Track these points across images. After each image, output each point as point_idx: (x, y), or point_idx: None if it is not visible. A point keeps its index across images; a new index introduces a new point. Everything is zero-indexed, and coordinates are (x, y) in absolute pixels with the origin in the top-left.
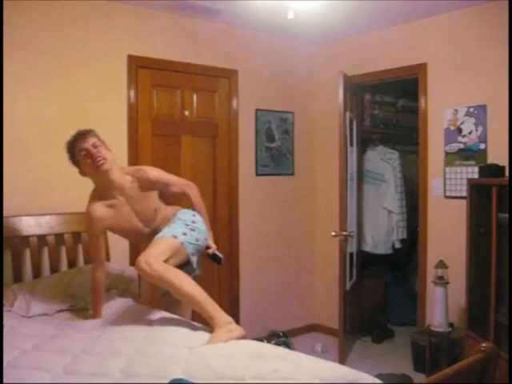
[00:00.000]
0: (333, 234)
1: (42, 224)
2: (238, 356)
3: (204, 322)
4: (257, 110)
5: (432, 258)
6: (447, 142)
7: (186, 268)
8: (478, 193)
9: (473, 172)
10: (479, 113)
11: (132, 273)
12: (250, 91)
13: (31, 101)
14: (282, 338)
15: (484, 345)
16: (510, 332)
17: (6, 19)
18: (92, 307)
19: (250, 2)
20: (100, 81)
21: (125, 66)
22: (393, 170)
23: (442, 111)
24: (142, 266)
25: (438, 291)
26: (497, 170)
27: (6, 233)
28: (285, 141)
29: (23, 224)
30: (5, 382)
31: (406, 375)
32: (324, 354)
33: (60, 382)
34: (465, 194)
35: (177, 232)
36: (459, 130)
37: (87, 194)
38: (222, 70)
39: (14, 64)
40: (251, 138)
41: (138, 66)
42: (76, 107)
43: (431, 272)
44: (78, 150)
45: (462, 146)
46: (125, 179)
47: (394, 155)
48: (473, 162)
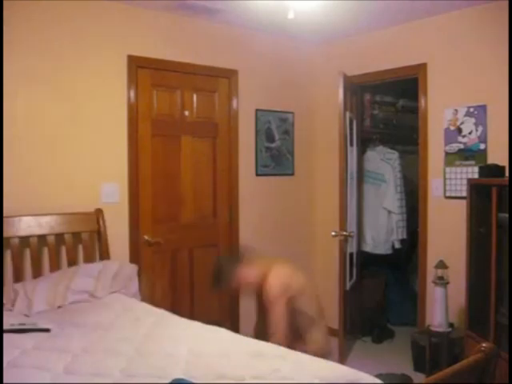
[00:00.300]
0: (333, 234)
1: (42, 224)
2: (238, 356)
3: (208, 322)
4: (257, 110)
5: (432, 258)
6: (447, 142)
7: None
8: (477, 193)
9: (473, 172)
10: (479, 113)
11: (132, 270)
12: (250, 91)
13: (31, 101)
14: None
15: (484, 345)
16: (510, 332)
17: (6, 19)
18: None
19: (250, 2)
20: (100, 81)
21: (125, 66)
22: (393, 170)
23: (442, 111)
24: None
25: (438, 291)
26: (497, 170)
27: (6, 233)
28: (285, 141)
29: (23, 224)
30: (5, 381)
31: (405, 375)
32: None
33: (60, 382)
34: (465, 194)
35: None
36: (459, 130)
37: (87, 194)
38: (222, 70)
39: (14, 64)
40: (251, 138)
41: (137, 66)
42: (76, 107)
43: (431, 272)
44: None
45: (461, 146)
46: None
47: (394, 155)
48: (473, 162)
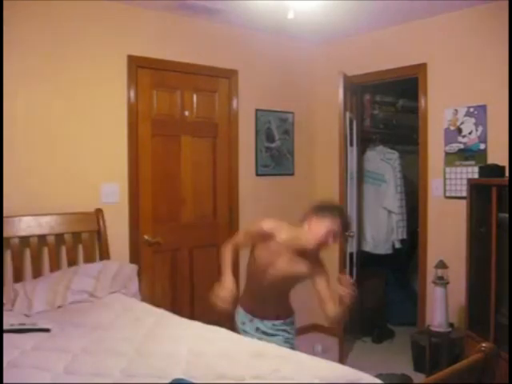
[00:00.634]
0: None
1: (42, 224)
2: (238, 356)
3: (208, 322)
4: (257, 110)
5: (432, 258)
6: (447, 142)
7: None
8: (478, 193)
9: (473, 172)
10: (479, 113)
11: (132, 270)
12: (250, 91)
13: (31, 101)
14: None
15: (484, 345)
16: (510, 332)
17: (6, 19)
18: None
19: (250, 2)
20: (100, 81)
21: (125, 66)
22: (393, 170)
23: (442, 111)
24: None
25: (438, 291)
26: (497, 170)
27: (6, 233)
28: (285, 141)
29: (23, 224)
30: (5, 381)
31: (405, 375)
32: (324, 353)
33: (60, 382)
34: (465, 194)
35: None
36: (459, 130)
37: (87, 194)
38: (222, 70)
39: (14, 64)
40: (251, 138)
41: (137, 66)
42: (76, 107)
43: (431, 272)
44: (328, 226)
45: (461, 146)
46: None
47: (394, 155)
48: (473, 162)
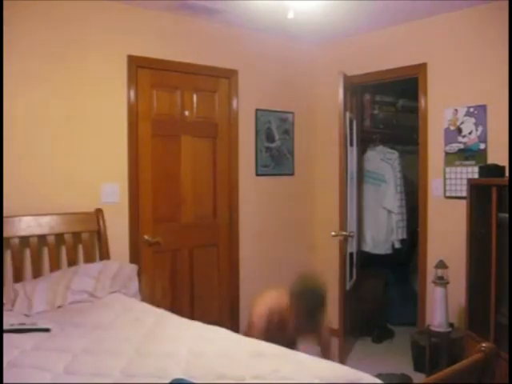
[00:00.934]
0: (333, 234)
1: (42, 224)
2: (238, 356)
3: (208, 322)
4: (257, 110)
5: (432, 258)
6: (447, 142)
7: None
8: (478, 193)
9: (473, 172)
10: (479, 113)
11: (132, 270)
12: (250, 91)
13: (31, 101)
14: None
15: (484, 345)
16: (510, 332)
17: (6, 19)
18: None
19: (250, 2)
20: (100, 81)
21: (125, 66)
22: (393, 170)
23: (442, 111)
24: None
25: (438, 291)
26: (497, 170)
27: (6, 233)
28: (285, 141)
29: (23, 224)
30: (5, 381)
31: (405, 375)
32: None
33: (60, 382)
34: (465, 194)
35: None
36: (459, 130)
37: (87, 194)
38: (222, 69)
39: (14, 64)
40: (251, 138)
41: (137, 66)
42: (76, 107)
43: (431, 272)
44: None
45: (461, 146)
46: None
47: (394, 155)
48: (473, 162)
